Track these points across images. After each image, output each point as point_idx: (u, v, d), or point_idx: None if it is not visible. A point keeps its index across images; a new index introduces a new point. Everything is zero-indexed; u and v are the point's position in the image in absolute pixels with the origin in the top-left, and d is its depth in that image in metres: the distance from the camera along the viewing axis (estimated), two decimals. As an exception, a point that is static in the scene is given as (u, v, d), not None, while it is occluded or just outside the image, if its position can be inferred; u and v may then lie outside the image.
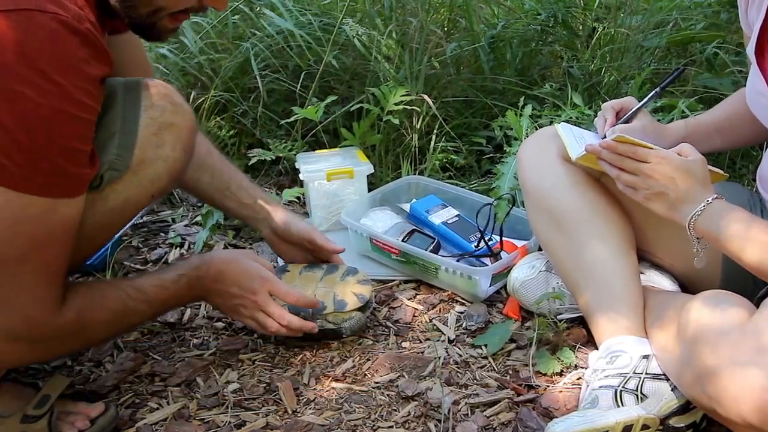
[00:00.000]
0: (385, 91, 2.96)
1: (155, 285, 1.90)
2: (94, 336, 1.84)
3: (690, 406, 1.72)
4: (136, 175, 1.71)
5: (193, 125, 1.82)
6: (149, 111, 1.73)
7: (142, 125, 1.71)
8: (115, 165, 1.67)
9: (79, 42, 1.49)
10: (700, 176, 1.78)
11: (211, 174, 2.21)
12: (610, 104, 2.12)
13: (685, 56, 3.33)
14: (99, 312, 1.77)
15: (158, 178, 1.75)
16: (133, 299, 1.84)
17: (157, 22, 1.74)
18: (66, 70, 1.47)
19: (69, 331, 1.72)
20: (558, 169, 2.09)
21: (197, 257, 2.02)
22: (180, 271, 1.96)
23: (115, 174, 1.68)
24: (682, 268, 2.11)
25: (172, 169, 1.77)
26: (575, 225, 2.04)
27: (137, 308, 1.85)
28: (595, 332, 1.97)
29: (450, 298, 2.39)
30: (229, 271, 2.01)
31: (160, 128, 1.73)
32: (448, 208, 2.68)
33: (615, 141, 1.84)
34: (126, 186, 1.70)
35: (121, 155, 1.68)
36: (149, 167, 1.72)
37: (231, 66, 3.29)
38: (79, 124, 1.53)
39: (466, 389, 1.99)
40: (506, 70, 3.36)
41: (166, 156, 1.74)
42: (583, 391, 1.88)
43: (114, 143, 1.68)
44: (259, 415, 1.92)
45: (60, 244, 1.61)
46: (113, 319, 1.81)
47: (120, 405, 1.96)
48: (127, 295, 1.83)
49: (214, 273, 1.99)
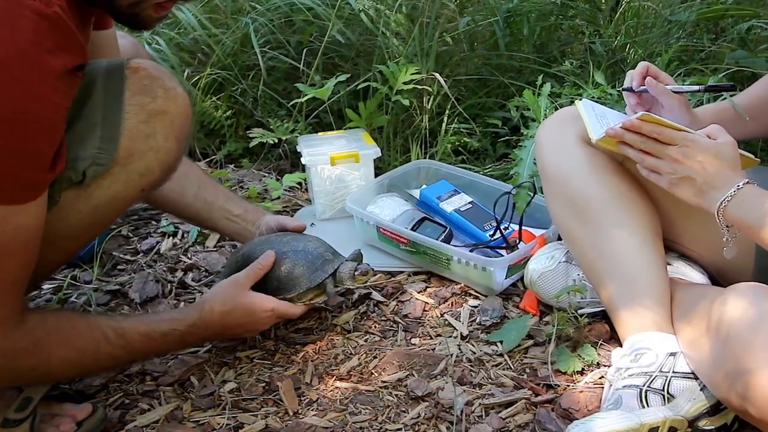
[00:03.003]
0: (393, 68, 2.96)
1: (141, 334, 1.85)
2: (54, 372, 1.76)
3: (720, 407, 1.71)
4: (124, 169, 1.67)
5: (188, 112, 1.77)
6: (137, 97, 1.68)
7: (128, 113, 1.66)
8: (98, 159, 1.63)
9: (46, 28, 1.42)
10: (729, 160, 1.76)
11: (197, 185, 2.19)
12: (637, 70, 2.08)
13: (716, 32, 3.32)
14: (63, 349, 1.71)
15: (149, 171, 1.71)
16: (111, 344, 1.78)
17: (140, 13, 1.68)
18: (28, 62, 1.41)
19: (22, 360, 1.65)
20: (579, 153, 2.08)
21: (190, 310, 1.97)
22: (174, 325, 1.91)
23: (100, 169, 1.64)
24: (711, 258, 2.10)
25: (165, 161, 1.73)
26: (597, 213, 2.03)
27: (112, 353, 1.79)
28: (618, 328, 1.96)
29: (463, 291, 2.39)
30: (231, 320, 1.99)
31: (149, 116, 1.68)
32: (460, 195, 2.67)
33: (639, 120, 1.82)
34: (113, 181, 1.67)
35: (105, 148, 1.64)
36: (139, 160, 1.68)
37: (229, 42, 3.28)
38: (42, 124, 1.47)
39: (480, 389, 1.98)
40: (523, 47, 3.35)
41: (158, 147, 1.70)
42: (605, 391, 1.87)
43: (95, 135, 1.63)
44: (257, 417, 1.91)
45: (14, 256, 1.55)
46: (79, 360, 1.75)
47: (108, 406, 1.96)
48: (104, 337, 1.77)
49: (215, 329, 1.98)
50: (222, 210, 2.26)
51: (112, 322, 1.83)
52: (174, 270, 2.57)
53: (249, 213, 2.29)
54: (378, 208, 2.64)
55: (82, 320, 1.82)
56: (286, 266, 2.10)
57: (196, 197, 2.20)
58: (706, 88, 2.12)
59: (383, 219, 2.55)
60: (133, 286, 2.44)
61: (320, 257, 2.15)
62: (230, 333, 2.04)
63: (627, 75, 2.06)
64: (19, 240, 1.53)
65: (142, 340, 1.84)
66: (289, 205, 2.97)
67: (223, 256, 2.62)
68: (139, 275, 2.51)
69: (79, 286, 2.46)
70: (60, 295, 2.39)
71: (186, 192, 2.19)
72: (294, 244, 2.16)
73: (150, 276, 2.49)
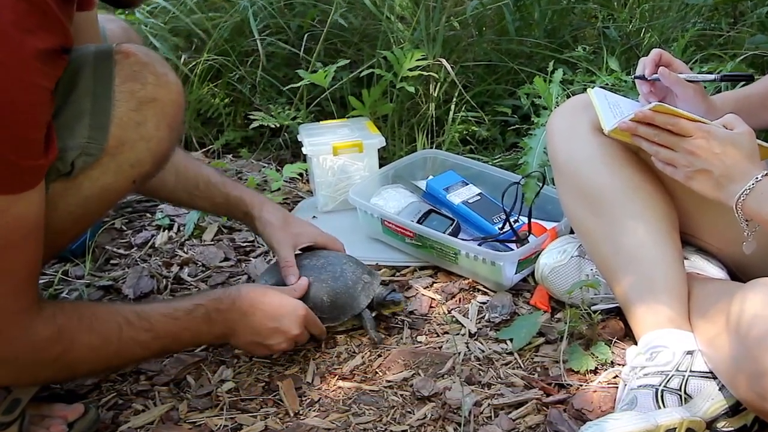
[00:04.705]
0: (398, 54, 2.95)
1: (163, 313, 1.84)
2: (80, 362, 1.74)
3: (740, 408, 1.71)
4: (114, 159, 1.64)
5: (180, 99, 1.74)
6: (127, 84, 1.65)
7: (118, 101, 1.64)
8: (88, 149, 1.61)
9: (25, 8, 1.41)
10: (747, 151, 1.76)
11: (175, 174, 2.15)
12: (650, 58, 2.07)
13: (734, 16, 3.31)
14: (86, 335, 1.70)
15: (140, 161, 1.68)
16: (133, 326, 1.77)
17: None
18: (7, 44, 1.40)
19: (47, 350, 1.65)
20: (592, 142, 2.07)
21: (218, 290, 1.96)
22: (197, 300, 1.91)
23: (89, 159, 1.61)
24: (730, 253, 2.09)
25: (157, 150, 1.70)
26: (611, 205, 2.03)
27: (137, 337, 1.78)
28: (633, 325, 1.96)
29: (471, 286, 2.39)
30: (264, 304, 1.98)
31: (140, 104, 1.66)
32: (468, 186, 2.67)
33: (652, 111, 1.81)
34: (103, 172, 1.64)
35: (94, 137, 1.61)
36: (129, 150, 1.66)
37: (226, 26, 3.28)
38: (28, 109, 1.46)
39: (489, 389, 1.98)
40: (534, 31, 3.35)
41: (149, 136, 1.67)
42: (620, 391, 1.88)
43: (84, 124, 1.61)
44: (257, 418, 1.91)
45: (21, 246, 1.55)
46: (103, 346, 1.74)
47: (101, 406, 1.95)
48: (125, 320, 1.76)
49: (245, 306, 1.95)
50: (203, 198, 2.23)
51: (129, 306, 1.85)
52: (169, 264, 2.56)
53: (232, 201, 2.24)
54: (382, 200, 2.64)
55: (101, 306, 1.85)
56: (328, 295, 2.12)
57: (176, 187, 2.18)
58: (722, 77, 2.10)
59: (388, 211, 2.55)
60: (127, 282, 2.44)
61: (359, 281, 2.17)
62: (263, 326, 1.97)
63: (639, 62, 2.05)
64: (25, 229, 1.54)
65: (165, 321, 1.83)
66: (289, 196, 2.96)
67: (221, 249, 2.61)
68: (133, 270, 2.50)
69: (70, 282, 2.45)
70: (51, 291, 2.39)
71: (166, 181, 2.15)
72: (331, 269, 2.17)
73: (144, 271, 2.49)
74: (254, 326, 1.96)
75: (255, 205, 2.24)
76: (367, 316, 2.15)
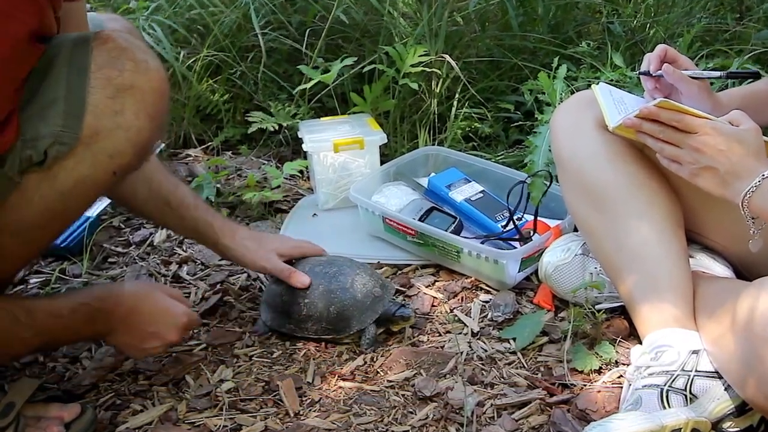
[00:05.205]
0: (400, 50, 2.95)
1: (47, 311, 1.81)
2: None
3: (746, 408, 1.71)
4: (89, 149, 1.60)
5: (162, 86, 1.69)
6: (104, 70, 1.61)
7: (94, 88, 1.60)
8: (61, 138, 1.58)
9: None
10: (753, 147, 1.75)
11: (149, 187, 2.10)
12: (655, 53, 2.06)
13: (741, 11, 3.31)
14: None
15: (119, 152, 1.64)
16: (20, 323, 1.74)
17: None
18: None
19: None
20: (596, 139, 2.07)
21: (103, 287, 1.93)
22: (81, 299, 1.87)
23: (63, 148, 1.58)
24: (736, 251, 2.09)
25: (136, 140, 1.66)
26: (615, 202, 2.02)
27: (20, 334, 1.75)
28: (637, 324, 1.96)
29: (473, 285, 2.39)
30: (145, 308, 1.95)
31: (117, 91, 1.61)
32: (471, 184, 2.67)
33: (657, 107, 1.81)
34: (78, 162, 1.61)
35: (68, 125, 1.58)
36: (106, 139, 1.61)
37: (227, 22, 3.28)
38: None
39: (491, 389, 1.98)
40: (538, 27, 3.35)
41: (128, 125, 1.63)
42: (624, 390, 1.87)
43: (57, 111, 1.58)
44: (256, 418, 1.91)
45: None
46: None
47: (99, 407, 1.95)
48: (13, 316, 1.74)
49: (126, 309, 1.91)
50: (173, 217, 2.18)
51: (22, 301, 1.83)
52: (168, 263, 2.56)
53: (202, 227, 2.20)
54: (384, 198, 2.64)
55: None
56: (335, 307, 2.12)
57: (147, 201, 2.13)
58: (727, 74, 2.10)
59: (389, 209, 2.54)
60: (125, 280, 2.44)
61: (369, 295, 2.15)
62: (142, 330, 1.94)
63: (644, 58, 2.05)
64: None
65: (48, 320, 1.79)
66: (289, 194, 2.96)
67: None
68: (131, 268, 2.50)
69: (68, 280, 2.45)
70: (48, 289, 2.39)
71: (137, 193, 2.11)
72: (342, 279, 2.16)
73: (143, 269, 2.49)
74: (133, 330, 1.93)
75: (226, 233, 2.20)
76: (369, 333, 2.14)
